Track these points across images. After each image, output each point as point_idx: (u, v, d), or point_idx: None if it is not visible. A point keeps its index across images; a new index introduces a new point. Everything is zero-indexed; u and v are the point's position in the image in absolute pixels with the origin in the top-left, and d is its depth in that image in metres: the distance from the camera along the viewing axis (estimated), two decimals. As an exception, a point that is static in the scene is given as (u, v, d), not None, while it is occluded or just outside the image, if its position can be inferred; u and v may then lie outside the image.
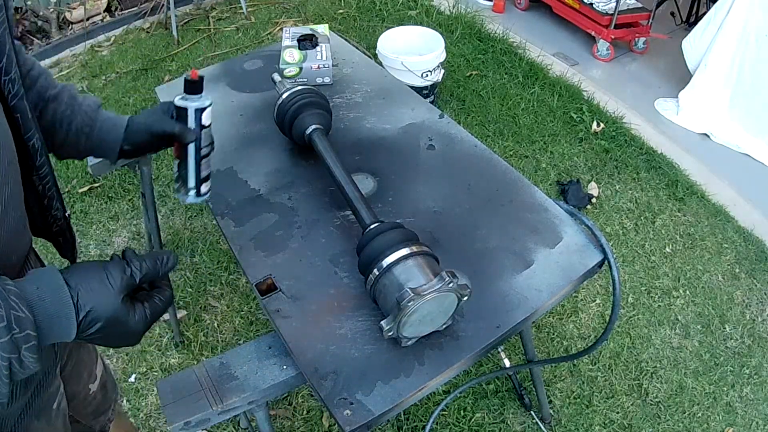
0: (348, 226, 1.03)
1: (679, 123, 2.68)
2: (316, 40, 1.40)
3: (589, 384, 1.73)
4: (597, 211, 2.26)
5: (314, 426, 1.63)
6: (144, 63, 3.03)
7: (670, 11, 3.23)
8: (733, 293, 2.01)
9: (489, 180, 1.12)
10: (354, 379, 0.80)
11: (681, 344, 1.86)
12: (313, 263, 0.97)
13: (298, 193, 1.10)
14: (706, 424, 1.67)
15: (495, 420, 1.64)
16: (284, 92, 1.13)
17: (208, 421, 0.84)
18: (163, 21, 3.33)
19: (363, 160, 1.16)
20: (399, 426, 1.62)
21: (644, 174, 2.41)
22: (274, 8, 3.44)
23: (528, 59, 2.96)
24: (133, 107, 2.73)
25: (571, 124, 2.63)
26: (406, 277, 0.79)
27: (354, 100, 1.33)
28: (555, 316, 1.91)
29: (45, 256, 2.07)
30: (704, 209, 2.29)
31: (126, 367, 1.78)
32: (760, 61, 2.39)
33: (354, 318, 0.88)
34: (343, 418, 0.76)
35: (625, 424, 1.65)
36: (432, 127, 1.24)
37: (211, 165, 0.90)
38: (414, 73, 2.40)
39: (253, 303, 1.90)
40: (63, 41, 3.25)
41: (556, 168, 2.43)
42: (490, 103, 2.70)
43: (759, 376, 1.78)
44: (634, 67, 3.10)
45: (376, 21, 3.25)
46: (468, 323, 0.88)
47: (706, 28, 2.54)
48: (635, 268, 2.06)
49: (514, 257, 0.97)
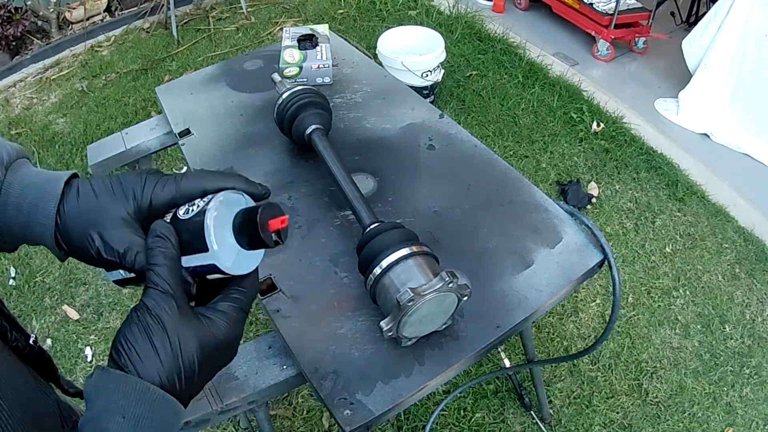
0: (348, 226, 1.03)
1: (679, 123, 2.68)
2: (316, 40, 1.40)
3: (589, 384, 1.73)
4: (597, 211, 2.26)
5: (314, 426, 1.62)
6: (144, 63, 3.03)
7: (670, 11, 3.23)
8: (733, 293, 2.00)
9: (489, 180, 1.11)
10: (354, 379, 0.80)
11: (681, 344, 1.86)
12: (313, 263, 0.97)
13: (298, 193, 1.10)
14: (706, 424, 1.67)
15: (495, 420, 1.64)
16: (284, 92, 1.13)
17: (208, 421, 0.83)
18: (163, 21, 3.33)
19: (363, 160, 1.16)
20: (399, 426, 1.62)
21: (644, 174, 2.41)
22: (274, 8, 3.44)
23: (528, 59, 2.96)
24: (133, 107, 2.73)
25: (571, 124, 2.62)
26: (406, 277, 0.79)
27: (354, 100, 1.33)
28: (555, 316, 1.91)
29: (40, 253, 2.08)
30: (704, 209, 2.28)
31: (126, 367, 1.79)
32: (760, 61, 2.39)
33: (354, 318, 0.88)
34: (343, 418, 0.76)
35: (625, 424, 1.65)
36: (432, 127, 1.24)
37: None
38: (414, 73, 2.40)
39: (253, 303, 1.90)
40: (63, 41, 3.25)
41: (556, 168, 2.43)
42: (490, 103, 2.70)
43: (759, 376, 1.78)
44: (634, 67, 3.10)
45: (376, 21, 3.25)
46: (468, 323, 0.88)
47: (706, 28, 2.54)
48: (635, 268, 2.06)
49: (514, 257, 0.97)
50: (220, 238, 0.44)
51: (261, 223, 0.44)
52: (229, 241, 0.45)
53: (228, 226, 0.45)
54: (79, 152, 2.49)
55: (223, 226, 0.45)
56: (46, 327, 1.90)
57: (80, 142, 2.55)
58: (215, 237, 0.44)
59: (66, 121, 2.74)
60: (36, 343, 0.56)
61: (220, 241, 0.44)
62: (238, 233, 0.45)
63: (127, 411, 0.38)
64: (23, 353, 0.54)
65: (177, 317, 0.42)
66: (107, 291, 2.00)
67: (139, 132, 1.37)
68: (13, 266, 2.09)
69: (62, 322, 1.92)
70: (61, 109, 2.81)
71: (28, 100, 2.93)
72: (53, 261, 2.09)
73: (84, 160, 2.37)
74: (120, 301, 1.97)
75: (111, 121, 2.66)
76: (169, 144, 1.38)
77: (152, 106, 2.72)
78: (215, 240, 0.44)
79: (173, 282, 0.43)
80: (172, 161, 2.45)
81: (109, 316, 1.93)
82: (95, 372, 0.40)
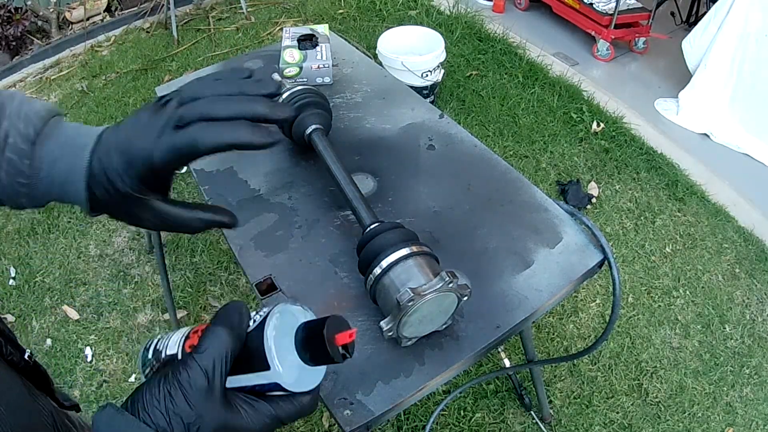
0: (348, 226, 1.03)
1: (679, 123, 2.68)
2: (316, 40, 1.40)
3: (589, 384, 1.73)
4: (597, 211, 2.26)
5: (314, 426, 1.63)
6: (144, 63, 3.03)
7: (670, 11, 3.23)
8: (733, 293, 2.00)
9: (489, 180, 1.12)
10: (354, 379, 0.80)
11: (681, 344, 1.86)
12: (313, 263, 0.97)
13: (298, 193, 1.10)
14: (706, 424, 1.67)
15: (495, 420, 1.64)
16: (284, 92, 1.13)
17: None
18: (163, 21, 3.33)
19: (363, 160, 1.16)
20: (399, 426, 1.62)
21: (644, 174, 2.41)
22: (274, 8, 3.44)
23: (528, 59, 2.96)
24: (133, 107, 2.73)
25: (571, 124, 2.62)
26: (406, 277, 0.79)
27: (354, 100, 1.33)
28: (555, 316, 1.91)
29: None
30: (704, 209, 2.29)
31: (126, 367, 1.79)
32: (760, 61, 2.39)
33: (354, 318, 0.88)
34: (343, 418, 0.76)
35: (625, 424, 1.65)
36: (432, 127, 1.24)
37: None
38: (414, 73, 2.40)
39: (253, 303, 1.90)
40: (63, 41, 3.25)
41: (556, 168, 2.43)
42: (490, 103, 2.70)
43: (759, 376, 1.78)
44: (634, 67, 3.10)
45: (376, 21, 3.25)
46: (468, 323, 0.88)
47: (706, 28, 2.54)
48: (635, 268, 2.06)
49: (514, 257, 0.97)
50: (282, 355, 0.42)
51: (328, 338, 0.41)
52: (290, 357, 0.42)
53: (288, 339, 0.43)
54: (79, 152, 2.49)
55: (283, 339, 0.42)
56: (46, 327, 1.90)
57: (80, 142, 2.55)
58: (277, 356, 0.41)
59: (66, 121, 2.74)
60: (31, 358, 0.56)
61: (282, 358, 0.41)
62: (301, 349, 0.42)
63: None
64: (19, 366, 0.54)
65: (206, 399, 0.41)
66: (107, 291, 2.00)
67: (139, 132, 1.37)
68: (13, 266, 2.09)
69: (62, 322, 1.92)
70: (62, 109, 2.81)
71: (28, 100, 2.93)
72: (53, 261, 2.10)
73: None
74: (120, 301, 1.97)
75: (111, 121, 2.66)
76: (169, 144, 1.37)
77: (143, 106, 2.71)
78: (277, 359, 0.41)
79: (218, 365, 0.41)
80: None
81: (109, 316, 1.93)
82: (108, 408, 0.40)
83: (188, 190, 2.34)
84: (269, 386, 0.42)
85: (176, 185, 2.36)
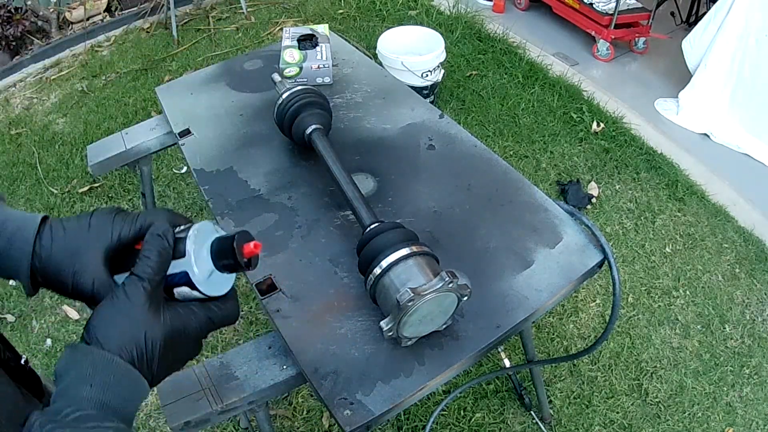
0: (348, 226, 1.03)
1: (679, 123, 2.68)
2: (316, 40, 1.40)
3: (589, 384, 1.73)
4: (597, 211, 2.26)
5: (314, 426, 1.62)
6: (144, 63, 3.03)
7: (670, 11, 3.23)
8: (733, 293, 2.00)
9: (489, 180, 1.12)
10: (354, 379, 0.80)
11: (681, 344, 1.86)
12: (313, 263, 0.97)
13: (298, 193, 1.10)
14: (706, 424, 1.67)
15: (495, 420, 1.64)
16: (284, 92, 1.13)
17: (208, 421, 0.83)
18: (163, 21, 3.33)
19: (363, 160, 1.16)
20: (399, 426, 1.62)
21: (644, 174, 2.41)
22: (274, 8, 3.44)
23: (528, 59, 2.96)
24: (133, 107, 2.73)
25: (571, 124, 2.62)
26: (406, 277, 0.79)
27: (354, 100, 1.33)
28: (555, 316, 1.91)
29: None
30: (704, 209, 2.28)
31: (126, 367, 1.78)
32: (760, 61, 2.39)
33: (354, 318, 0.88)
34: (343, 418, 0.76)
35: (625, 424, 1.65)
36: (432, 127, 1.24)
37: None
38: (414, 73, 2.40)
39: (253, 303, 1.90)
40: (63, 41, 3.25)
41: (556, 168, 2.43)
42: (490, 103, 2.70)
43: (759, 376, 1.78)
44: (634, 67, 3.10)
45: (376, 21, 3.25)
46: (468, 323, 0.88)
47: (706, 28, 2.54)
48: (635, 268, 2.06)
49: (514, 257, 0.97)
50: (197, 256, 0.49)
51: (237, 249, 0.48)
52: (205, 262, 0.49)
53: (205, 249, 0.49)
54: (79, 152, 2.49)
55: (201, 249, 0.49)
56: (46, 327, 1.90)
57: (80, 142, 2.55)
58: (193, 255, 0.48)
59: (66, 121, 2.74)
60: (27, 364, 0.59)
61: (197, 257, 0.48)
62: (215, 257, 0.49)
63: (95, 379, 0.41)
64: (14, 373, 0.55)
65: (148, 302, 0.45)
66: (107, 291, 2.00)
67: (139, 132, 1.38)
68: (13, 266, 2.08)
69: (62, 322, 1.92)
70: (61, 109, 2.81)
71: (28, 100, 2.93)
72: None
73: (84, 160, 2.37)
74: (120, 301, 1.96)
75: (111, 121, 2.66)
76: (169, 144, 1.38)
77: (152, 106, 2.72)
78: (193, 255, 0.48)
79: (155, 273, 0.46)
80: (172, 161, 2.45)
81: (109, 316, 1.92)
82: (65, 351, 0.43)
83: (188, 190, 2.34)
84: (181, 275, 0.48)
85: (177, 185, 2.36)
